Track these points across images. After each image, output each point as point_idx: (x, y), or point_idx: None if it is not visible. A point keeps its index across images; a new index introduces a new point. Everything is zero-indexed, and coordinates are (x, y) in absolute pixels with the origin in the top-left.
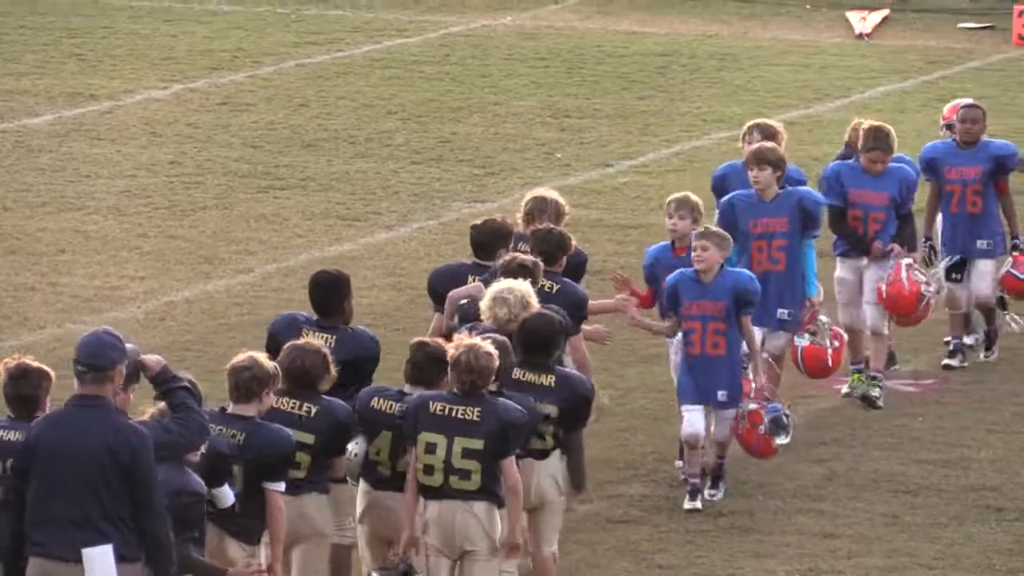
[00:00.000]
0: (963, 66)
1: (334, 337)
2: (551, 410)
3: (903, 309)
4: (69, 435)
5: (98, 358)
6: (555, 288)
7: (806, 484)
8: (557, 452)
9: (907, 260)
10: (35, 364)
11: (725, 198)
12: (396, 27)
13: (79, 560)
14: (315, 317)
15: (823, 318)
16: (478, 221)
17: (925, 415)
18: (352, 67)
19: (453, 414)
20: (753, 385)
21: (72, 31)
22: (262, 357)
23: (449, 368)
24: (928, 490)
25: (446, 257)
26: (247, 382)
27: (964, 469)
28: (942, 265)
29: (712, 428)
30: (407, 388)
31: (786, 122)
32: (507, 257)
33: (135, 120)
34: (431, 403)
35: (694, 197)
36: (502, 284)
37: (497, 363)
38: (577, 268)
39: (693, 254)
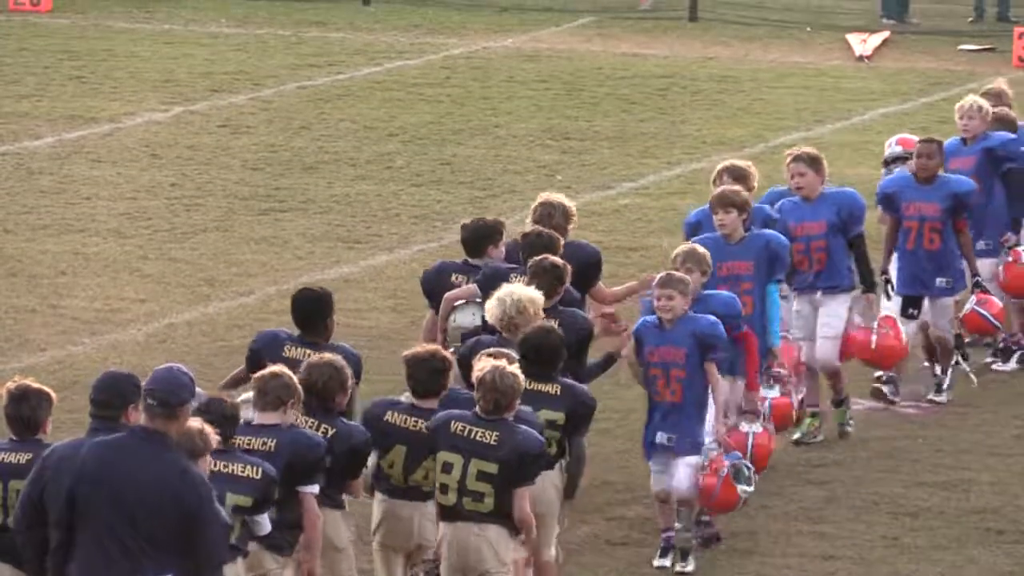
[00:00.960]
0: (963, 88)
1: (315, 352)
2: (557, 416)
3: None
4: (130, 468)
5: (172, 395)
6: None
7: (807, 506)
8: (561, 462)
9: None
10: (36, 385)
11: (694, 240)
12: (397, 49)
13: None
14: (297, 333)
15: (782, 370)
16: (467, 220)
17: (925, 437)
18: (353, 89)
19: (472, 435)
20: (719, 432)
21: (73, 53)
22: (287, 371)
23: (475, 388)
24: (929, 512)
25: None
26: (276, 389)
27: (965, 492)
28: (894, 303)
29: (674, 479)
30: (416, 402)
31: (786, 144)
32: (539, 257)
33: (136, 142)
34: (453, 422)
35: (701, 249)
36: (507, 288)
37: (522, 384)
38: (589, 268)
39: (657, 303)
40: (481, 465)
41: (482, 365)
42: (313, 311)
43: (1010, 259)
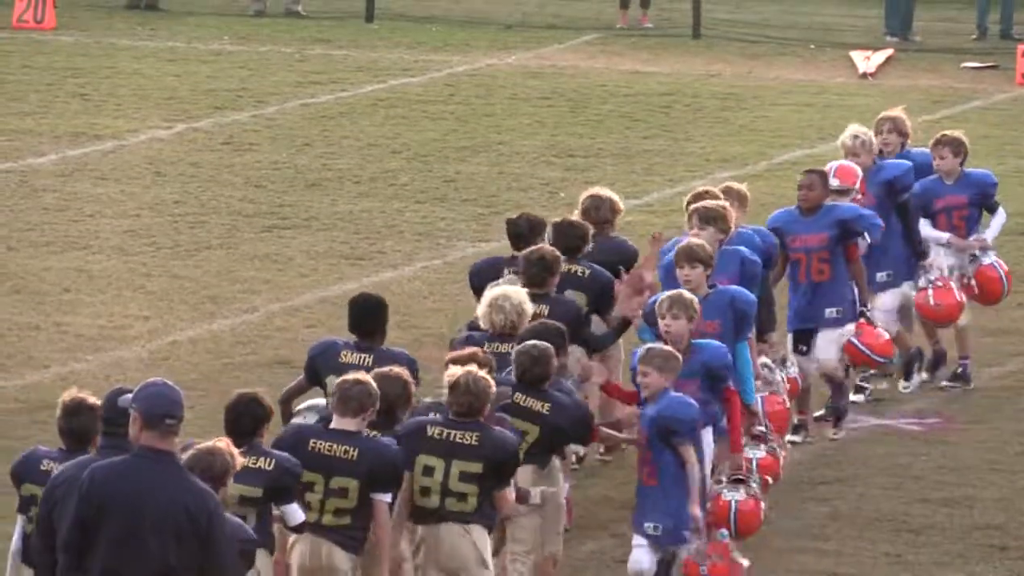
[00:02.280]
0: (967, 105)
1: (371, 357)
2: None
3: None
4: (142, 490)
5: (181, 411)
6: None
7: (809, 523)
8: (556, 460)
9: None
10: (91, 400)
11: (654, 298)
12: (400, 67)
13: None
14: (352, 340)
15: (762, 427)
16: (514, 215)
17: (928, 454)
18: (356, 107)
19: (452, 438)
20: (698, 520)
21: (76, 71)
22: (369, 379)
23: (448, 392)
24: (932, 529)
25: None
26: (359, 396)
27: (968, 508)
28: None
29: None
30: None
31: (789, 162)
32: (530, 248)
33: (139, 160)
34: (429, 427)
35: (688, 294)
36: (498, 290)
37: (493, 390)
38: (625, 263)
39: (638, 378)
40: (464, 466)
41: (453, 371)
42: (369, 316)
43: (940, 284)
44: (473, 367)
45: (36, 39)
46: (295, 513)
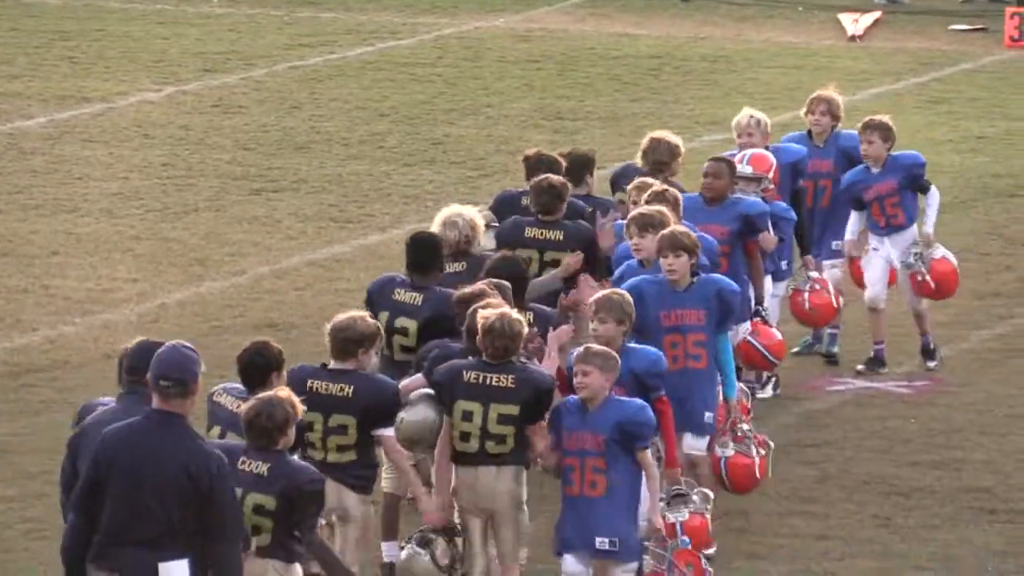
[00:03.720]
0: (955, 68)
1: (421, 296)
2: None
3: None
4: (145, 452)
5: (184, 373)
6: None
7: (799, 486)
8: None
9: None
10: (367, 321)
11: (631, 283)
12: (389, 29)
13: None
14: (409, 278)
15: (745, 425)
16: (563, 149)
17: (918, 417)
18: (345, 69)
19: (488, 382)
20: (660, 529)
21: (65, 33)
22: (362, 316)
23: (482, 336)
24: (921, 492)
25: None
26: (342, 343)
27: (957, 471)
28: None
29: None
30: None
31: (779, 125)
32: (539, 177)
33: (128, 122)
34: (465, 372)
35: (618, 295)
36: (452, 209)
37: (527, 331)
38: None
39: (575, 379)
40: (501, 408)
41: (487, 313)
42: (425, 255)
43: (817, 287)
44: (507, 309)
45: (25, 2)
46: None
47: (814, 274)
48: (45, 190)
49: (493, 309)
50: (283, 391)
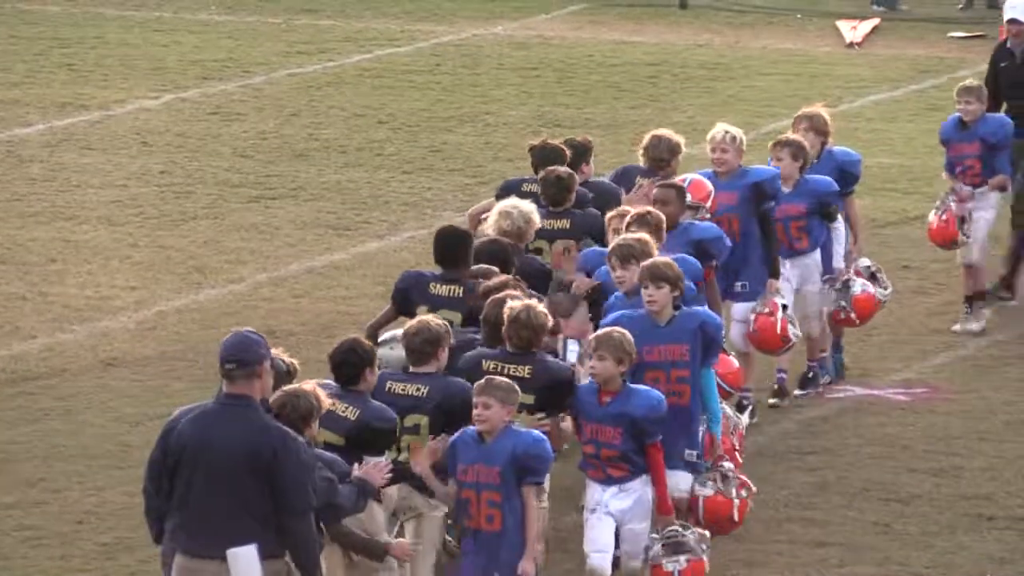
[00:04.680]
0: (953, 75)
1: (461, 288)
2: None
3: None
4: (214, 434)
5: (247, 354)
6: None
7: (798, 493)
8: None
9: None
10: (436, 322)
11: (611, 318)
12: (387, 37)
13: (224, 558)
14: (438, 272)
15: (728, 463)
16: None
17: (916, 424)
18: (343, 77)
19: (506, 371)
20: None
21: (63, 41)
22: (431, 318)
23: (505, 324)
24: (920, 499)
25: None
26: (420, 346)
27: (956, 478)
28: None
29: None
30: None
31: (777, 132)
32: (548, 168)
33: (126, 130)
34: (484, 360)
35: (618, 334)
36: (509, 201)
37: (551, 323)
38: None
39: (475, 411)
40: (520, 398)
41: (512, 304)
42: (454, 248)
43: (766, 311)
44: (533, 301)
45: (23, 9)
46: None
47: (778, 299)
48: (43, 197)
49: (519, 300)
50: (308, 384)
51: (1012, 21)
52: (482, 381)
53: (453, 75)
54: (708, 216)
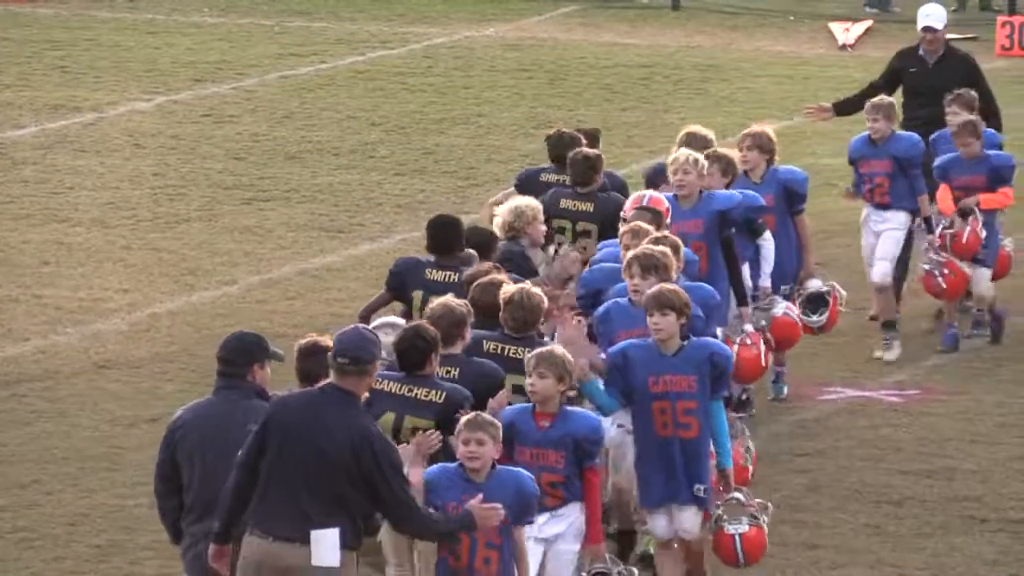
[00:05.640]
0: None
1: (457, 274)
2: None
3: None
4: (315, 424)
5: (362, 351)
6: None
7: (789, 494)
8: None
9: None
10: (324, 342)
11: (619, 347)
12: (379, 39)
13: (304, 541)
14: (433, 259)
15: (739, 495)
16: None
17: (909, 426)
18: (335, 79)
19: (507, 353)
20: None
21: (56, 43)
22: (451, 299)
23: (502, 307)
24: (912, 501)
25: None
26: (445, 329)
27: (948, 480)
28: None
29: None
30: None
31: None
32: (574, 151)
33: (119, 132)
34: (485, 342)
35: (560, 351)
36: (517, 200)
37: (546, 305)
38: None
39: (466, 448)
40: (517, 379)
41: (508, 288)
42: (447, 235)
43: (749, 342)
44: (527, 285)
45: (15, 11)
46: None
47: (748, 327)
48: (36, 200)
49: (513, 284)
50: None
51: (927, 28)
52: (469, 417)
53: (446, 77)
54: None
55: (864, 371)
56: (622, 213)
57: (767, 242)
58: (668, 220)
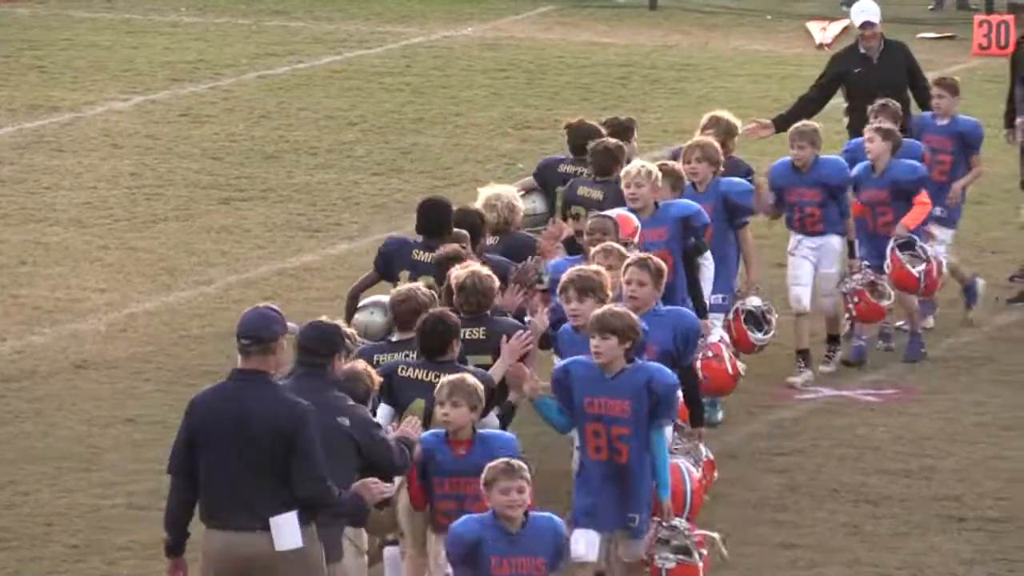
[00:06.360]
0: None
1: None
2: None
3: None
4: (231, 409)
5: (262, 331)
6: None
7: (767, 494)
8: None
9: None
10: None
11: (563, 363)
12: (357, 38)
13: (262, 528)
14: (421, 240)
15: (677, 521)
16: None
17: (887, 425)
18: (313, 78)
19: (463, 336)
20: None
21: (33, 43)
22: (416, 286)
23: (455, 292)
24: (890, 500)
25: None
26: (406, 315)
27: (926, 479)
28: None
29: None
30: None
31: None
32: (595, 141)
33: (96, 132)
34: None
35: (472, 381)
36: (491, 190)
37: (497, 285)
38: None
39: (507, 498)
40: (478, 359)
41: (458, 272)
42: (436, 217)
43: (711, 355)
44: (475, 266)
45: None
46: (492, 422)
47: (711, 338)
48: (13, 200)
49: (465, 267)
50: (360, 363)
51: (867, 24)
52: (505, 465)
53: (423, 77)
54: (637, 251)
55: (842, 370)
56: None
57: (707, 261)
58: (636, 240)
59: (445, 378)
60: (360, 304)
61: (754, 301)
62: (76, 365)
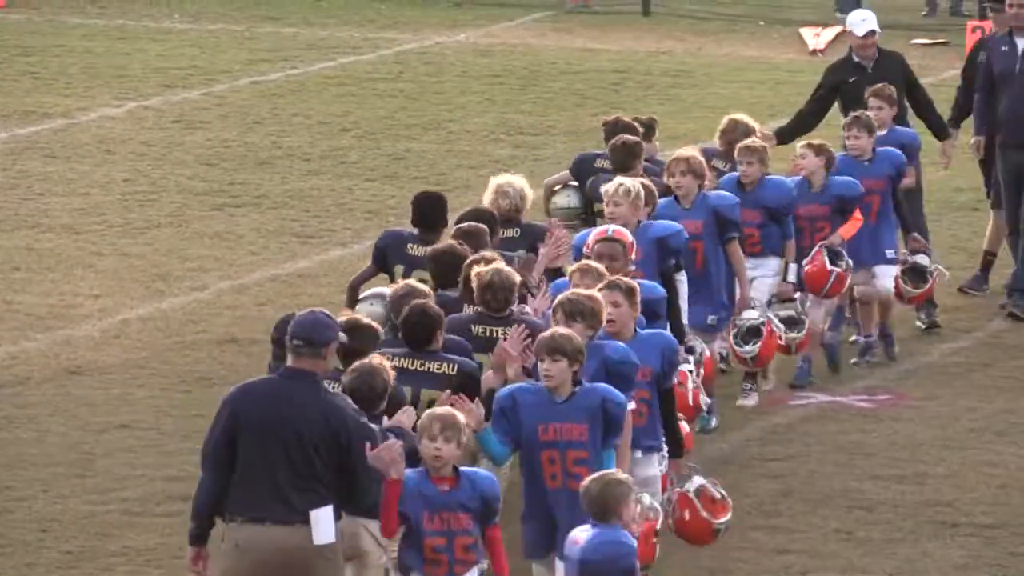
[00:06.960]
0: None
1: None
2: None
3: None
4: (281, 406)
5: (315, 335)
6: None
7: (761, 500)
8: None
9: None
10: (365, 321)
11: (507, 390)
12: (350, 44)
13: (302, 522)
14: (416, 233)
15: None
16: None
17: (879, 431)
18: (306, 84)
19: (492, 335)
20: None
21: (26, 49)
22: (415, 282)
23: (478, 290)
24: (883, 506)
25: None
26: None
27: (919, 485)
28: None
29: None
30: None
31: None
32: (616, 138)
33: (89, 138)
34: (473, 326)
35: (451, 414)
36: (503, 178)
37: (519, 280)
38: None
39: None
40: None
41: (480, 269)
42: (431, 211)
43: (675, 381)
44: (499, 263)
45: None
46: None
47: (683, 366)
48: (6, 206)
49: (488, 265)
50: (376, 358)
51: (872, 33)
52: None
53: (416, 83)
54: (633, 268)
55: (835, 376)
56: (584, 247)
57: (682, 277)
58: (633, 255)
59: (436, 413)
60: (361, 296)
61: (750, 314)
62: (70, 371)
